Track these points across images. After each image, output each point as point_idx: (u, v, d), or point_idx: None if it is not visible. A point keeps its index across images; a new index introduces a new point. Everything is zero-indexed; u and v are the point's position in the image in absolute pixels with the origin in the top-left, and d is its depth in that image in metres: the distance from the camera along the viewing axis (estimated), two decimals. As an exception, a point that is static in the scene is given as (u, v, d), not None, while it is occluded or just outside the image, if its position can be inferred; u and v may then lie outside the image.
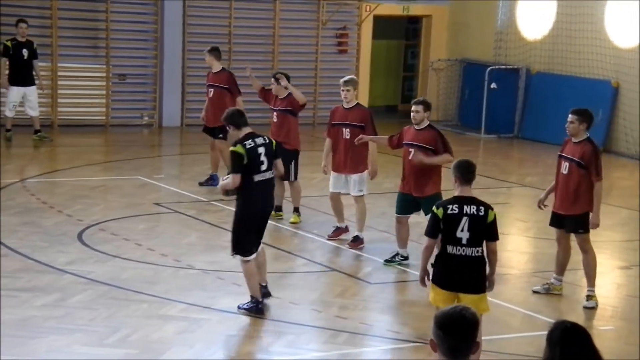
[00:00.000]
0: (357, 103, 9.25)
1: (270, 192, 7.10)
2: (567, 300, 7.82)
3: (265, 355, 6.49)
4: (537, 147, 15.58)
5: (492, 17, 17.07)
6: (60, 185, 11.23)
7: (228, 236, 9.11)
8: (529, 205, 11.53)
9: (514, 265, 8.95)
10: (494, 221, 5.83)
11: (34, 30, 15.29)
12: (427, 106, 8.33)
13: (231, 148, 6.87)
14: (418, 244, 7.80)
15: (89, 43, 15.70)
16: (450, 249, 5.81)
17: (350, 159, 8.94)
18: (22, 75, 13.54)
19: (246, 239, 6.89)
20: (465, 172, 5.89)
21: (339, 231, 9.18)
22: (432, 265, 5.97)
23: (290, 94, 9.89)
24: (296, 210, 9.78)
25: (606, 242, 10.04)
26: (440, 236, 5.85)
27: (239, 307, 6.98)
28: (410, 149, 8.20)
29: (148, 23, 15.99)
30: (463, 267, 5.81)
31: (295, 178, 9.77)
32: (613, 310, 7.67)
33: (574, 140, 7.65)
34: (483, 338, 6.66)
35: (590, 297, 7.61)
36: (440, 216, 5.80)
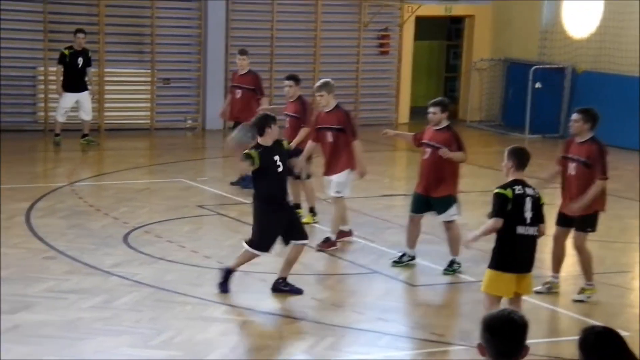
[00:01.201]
0: (337, 105, 9.03)
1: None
2: (616, 304, 7.66)
3: (307, 356, 6.49)
4: (583, 147, 15.29)
5: (536, 15, 16.85)
6: (106, 189, 11.40)
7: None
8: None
9: (562, 267, 8.80)
10: (544, 203, 6.25)
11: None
12: (444, 107, 8.28)
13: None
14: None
15: (134, 48, 15.91)
16: (520, 229, 6.11)
17: (333, 162, 8.87)
18: (75, 82, 13.85)
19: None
20: (522, 158, 6.29)
21: (343, 234, 9.03)
22: (494, 250, 6.12)
23: (299, 97, 10.00)
24: (311, 210, 9.68)
25: None
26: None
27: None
28: (427, 149, 8.20)
29: (192, 27, 16.13)
30: (528, 246, 6.19)
31: (308, 177, 9.70)
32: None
33: (577, 140, 7.57)
34: (532, 341, 6.59)
35: (584, 290, 7.60)
36: (510, 196, 6.09)
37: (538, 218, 6.17)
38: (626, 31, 15.30)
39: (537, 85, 16.01)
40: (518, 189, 6.11)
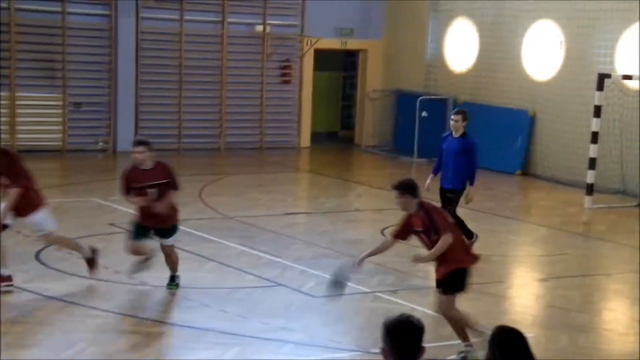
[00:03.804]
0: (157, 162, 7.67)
1: None
2: (493, 311, 7.94)
3: (215, 365, 6.42)
4: (464, 170, 15.83)
5: (421, 51, 17.40)
6: (18, 208, 10.94)
7: (180, 254, 9.01)
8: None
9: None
10: None
11: (-7, 61, 15.00)
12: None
13: None
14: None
15: (46, 74, 15.44)
16: None
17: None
18: None
19: None
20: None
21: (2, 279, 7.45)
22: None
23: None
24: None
25: (527, 256, 10.28)
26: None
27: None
28: None
29: (102, 55, 15.81)
30: None
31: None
32: (533, 318, 7.83)
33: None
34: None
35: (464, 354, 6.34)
36: None
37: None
38: (498, 67, 16.00)
39: (424, 114, 16.50)
40: None
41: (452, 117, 9.43)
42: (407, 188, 6.29)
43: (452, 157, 9.16)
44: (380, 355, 3.12)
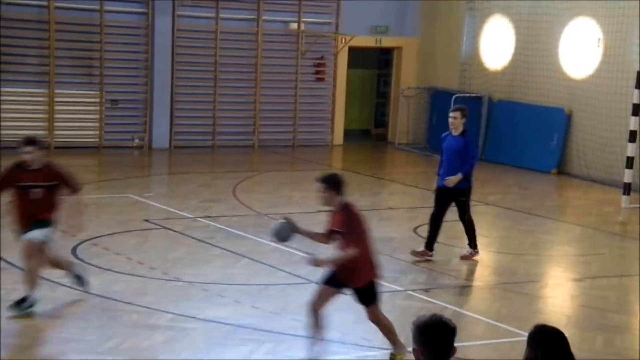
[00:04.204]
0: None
1: None
2: (527, 310, 7.86)
3: (247, 362, 6.45)
4: (498, 168, 15.72)
5: (457, 48, 17.26)
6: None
7: (213, 250, 9.09)
8: (491, 222, 11.63)
9: (478, 277, 9.00)
10: None
11: (33, 60, 15.25)
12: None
13: None
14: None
15: (84, 71, 15.66)
16: None
17: None
18: None
19: None
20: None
21: None
22: None
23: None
24: None
25: (562, 256, 10.15)
26: None
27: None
28: None
29: (139, 52, 15.99)
30: None
31: None
32: (567, 318, 7.73)
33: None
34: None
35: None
36: None
37: None
38: (535, 65, 15.81)
39: (458, 111, 16.36)
40: None
41: (450, 114, 9.01)
42: (332, 183, 5.98)
43: (453, 156, 8.80)
44: (412, 355, 3.11)
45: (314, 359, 6.23)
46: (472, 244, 9.09)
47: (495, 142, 16.41)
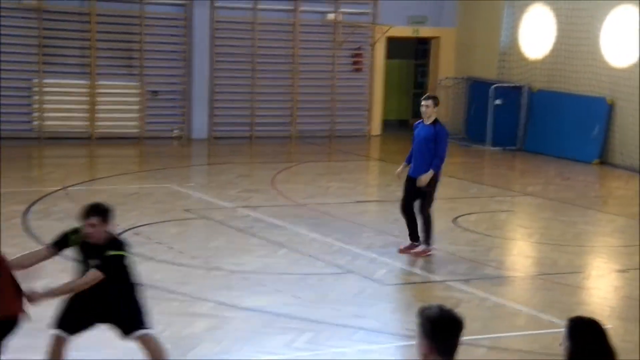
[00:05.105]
0: None
1: None
2: (569, 302, 7.75)
3: (287, 350, 6.47)
4: (539, 159, 15.51)
5: (496, 38, 17.04)
6: (98, 193, 11.28)
7: (253, 240, 9.10)
8: (532, 212, 11.49)
9: (518, 268, 8.90)
10: None
11: (74, 52, 15.47)
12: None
13: None
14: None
15: (124, 62, 15.83)
16: None
17: None
18: None
19: None
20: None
21: None
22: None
23: None
24: None
25: (604, 247, 9.98)
26: None
27: None
28: None
29: (178, 44, 16.10)
30: None
31: None
32: (611, 310, 7.60)
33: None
34: (491, 335, 6.63)
35: None
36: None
37: None
38: (576, 53, 15.53)
39: (497, 102, 16.20)
40: None
41: (422, 102, 8.79)
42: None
43: (423, 145, 8.59)
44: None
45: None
46: (427, 240, 8.71)
47: (536, 132, 16.19)
